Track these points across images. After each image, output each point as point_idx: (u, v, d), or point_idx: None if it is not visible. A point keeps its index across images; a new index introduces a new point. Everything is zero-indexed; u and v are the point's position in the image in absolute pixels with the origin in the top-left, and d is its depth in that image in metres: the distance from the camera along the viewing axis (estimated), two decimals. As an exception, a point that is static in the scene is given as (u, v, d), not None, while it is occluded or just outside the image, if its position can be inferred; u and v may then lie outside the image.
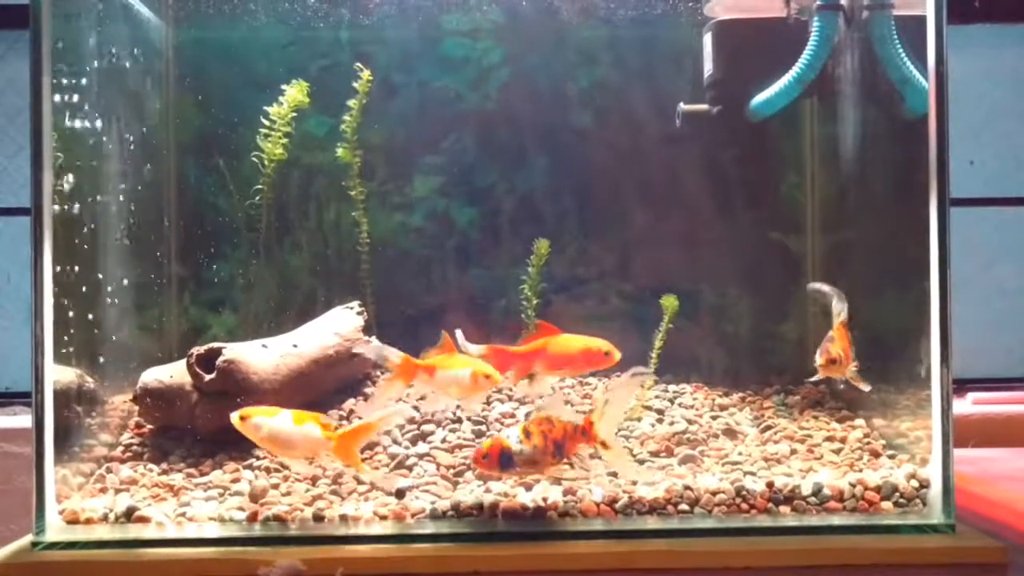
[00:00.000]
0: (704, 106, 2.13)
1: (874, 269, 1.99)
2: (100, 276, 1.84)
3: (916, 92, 1.82)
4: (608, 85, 2.25)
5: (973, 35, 2.79)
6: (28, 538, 1.57)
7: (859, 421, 1.94)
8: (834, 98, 2.07)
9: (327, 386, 1.99)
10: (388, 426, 1.75)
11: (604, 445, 1.57)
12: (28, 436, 1.56)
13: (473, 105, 2.24)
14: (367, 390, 2.04)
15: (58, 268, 1.60)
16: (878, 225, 1.98)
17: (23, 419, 2.44)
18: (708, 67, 2.13)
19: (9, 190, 2.70)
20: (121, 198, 1.96)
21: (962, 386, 2.66)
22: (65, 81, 1.68)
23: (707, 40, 2.13)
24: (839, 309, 1.82)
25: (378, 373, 2.13)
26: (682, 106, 2.14)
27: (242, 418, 1.57)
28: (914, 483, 1.64)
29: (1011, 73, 2.82)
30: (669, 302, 1.97)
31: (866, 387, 1.80)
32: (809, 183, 2.26)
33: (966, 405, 2.61)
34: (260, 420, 1.57)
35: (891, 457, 1.79)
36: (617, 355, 1.70)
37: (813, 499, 1.62)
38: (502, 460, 1.52)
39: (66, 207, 1.69)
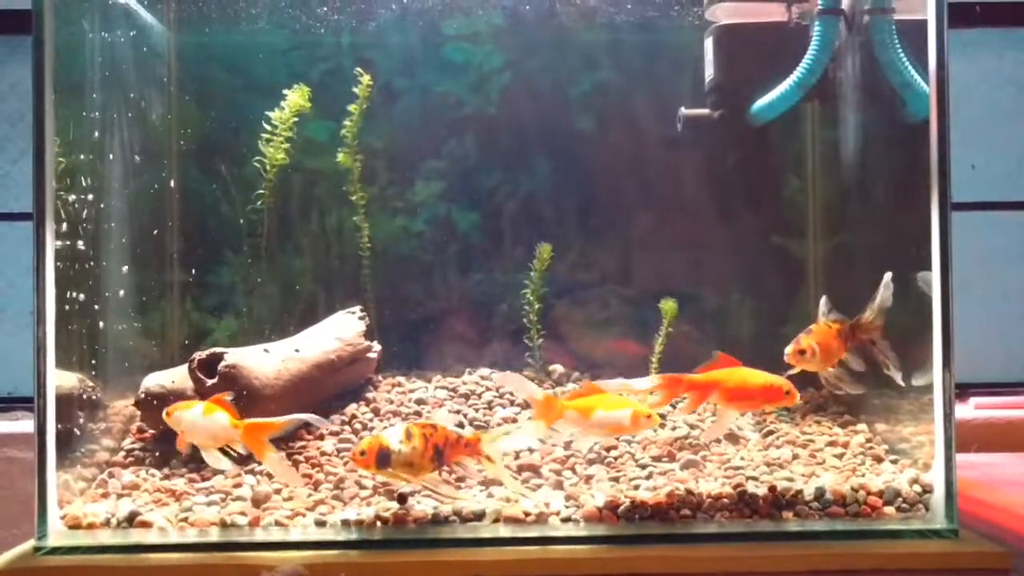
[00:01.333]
0: (705, 110, 2.13)
1: (876, 273, 1.99)
2: (102, 281, 1.84)
3: (917, 96, 1.82)
4: (609, 90, 2.25)
5: (974, 39, 2.79)
6: (30, 543, 1.57)
7: (861, 426, 1.94)
8: (835, 102, 2.07)
9: (329, 391, 1.99)
10: (290, 428, 1.73)
11: (488, 459, 1.59)
12: (30, 440, 1.57)
13: (474, 110, 2.24)
14: (368, 395, 2.04)
15: (60, 273, 1.60)
16: (880, 228, 1.98)
17: (25, 424, 2.44)
18: (709, 71, 2.13)
19: (12, 195, 2.70)
20: (123, 203, 1.96)
21: (964, 391, 2.66)
22: (67, 86, 1.68)
23: (708, 44, 2.13)
24: (825, 309, 1.76)
25: (379, 378, 2.13)
26: (683, 111, 2.15)
27: (167, 414, 1.66)
28: (916, 488, 1.64)
29: (1012, 77, 2.82)
30: (669, 306, 1.97)
31: (855, 389, 1.76)
32: (810, 187, 2.26)
33: (968, 410, 2.61)
34: (178, 414, 1.65)
35: (893, 462, 1.79)
36: (797, 397, 1.68)
37: (815, 504, 1.62)
38: (380, 458, 1.53)
39: (68, 212, 1.69)
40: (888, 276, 1.72)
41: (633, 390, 1.68)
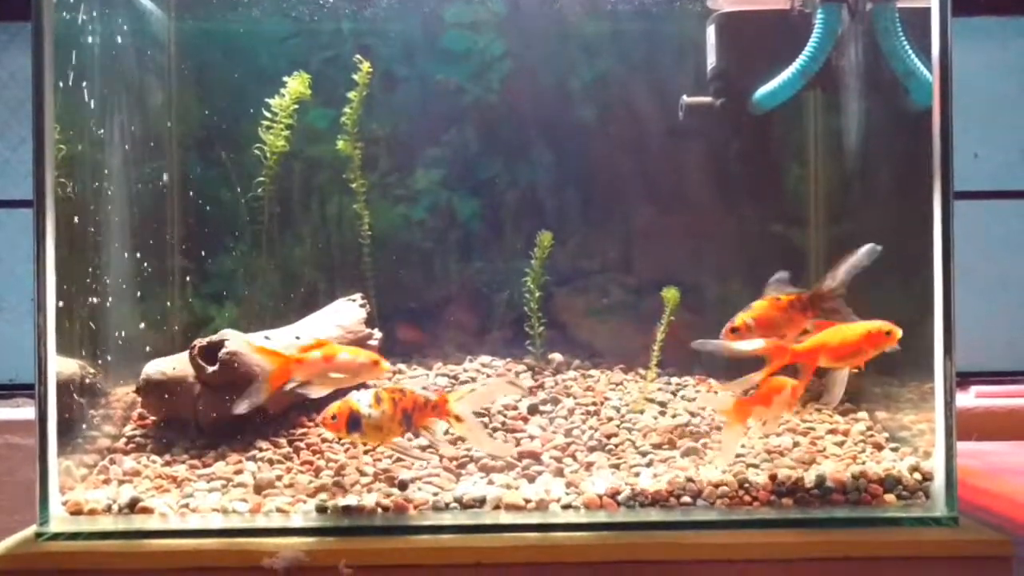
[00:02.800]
0: (707, 98, 2.12)
1: (878, 262, 1.99)
2: (103, 268, 1.84)
3: (920, 85, 1.81)
4: (611, 78, 2.25)
5: (978, 28, 2.78)
6: (32, 529, 1.58)
7: (862, 414, 1.94)
8: (838, 90, 2.06)
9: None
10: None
11: (458, 419, 1.62)
12: (32, 427, 1.57)
13: (475, 98, 2.23)
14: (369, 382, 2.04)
15: (60, 260, 1.60)
16: (882, 217, 1.98)
17: (27, 411, 2.45)
18: (711, 59, 2.12)
19: (12, 182, 2.70)
20: (123, 189, 1.96)
21: (965, 379, 2.66)
22: (67, 72, 1.68)
23: (710, 32, 2.12)
24: (777, 281, 1.71)
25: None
26: (685, 98, 2.14)
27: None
28: (917, 476, 1.64)
29: (1016, 66, 2.81)
30: (671, 294, 1.96)
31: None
32: (812, 175, 2.25)
33: (969, 398, 2.61)
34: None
35: (894, 450, 1.79)
36: (899, 332, 1.63)
37: (816, 491, 1.62)
38: (350, 423, 1.54)
39: (68, 198, 1.69)
40: (868, 248, 1.67)
41: (741, 352, 1.67)
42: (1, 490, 1.94)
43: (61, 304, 1.60)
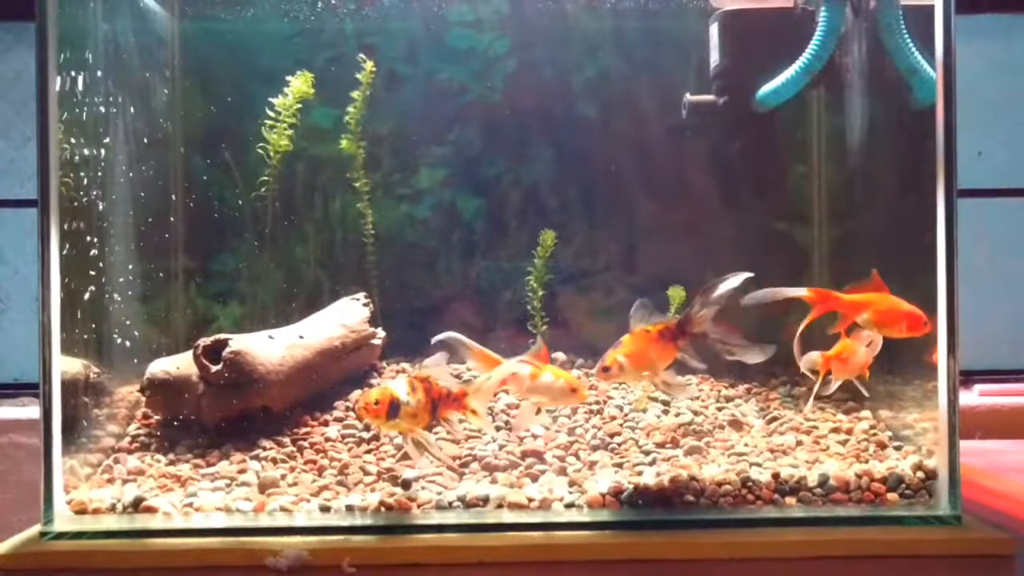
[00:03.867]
0: (711, 96, 2.12)
1: (881, 260, 1.99)
2: (107, 267, 1.84)
3: (924, 82, 1.81)
4: (614, 76, 2.24)
5: (982, 25, 2.77)
6: (36, 528, 1.58)
7: (865, 412, 1.94)
8: (841, 88, 2.06)
9: (334, 377, 1.99)
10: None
11: (474, 413, 1.64)
12: (36, 426, 1.57)
13: (478, 96, 2.23)
14: (373, 381, 2.04)
15: (65, 259, 1.60)
16: (885, 216, 1.98)
17: (31, 410, 2.45)
18: (714, 57, 2.12)
19: (17, 182, 2.70)
20: (127, 188, 1.96)
21: (968, 378, 2.66)
22: (71, 71, 1.68)
23: (713, 30, 2.12)
24: (639, 316, 1.68)
25: (383, 364, 2.14)
26: (688, 97, 2.14)
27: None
28: (920, 474, 1.64)
29: (1020, 64, 2.80)
30: (676, 293, 1.96)
31: (751, 357, 1.69)
32: (816, 174, 2.25)
33: (973, 397, 2.61)
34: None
35: (897, 448, 1.79)
36: (931, 328, 1.66)
37: (819, 490, 1.62)
38: (391, 410, 1.55)
39: (72, 197, 1.69)
40: (741, 275, 1.67)
41: (786, 295, 1.70)
42: (5, 489, 1.95)
43: (65, 302, 1.60)
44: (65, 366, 1.62)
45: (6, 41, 2.73)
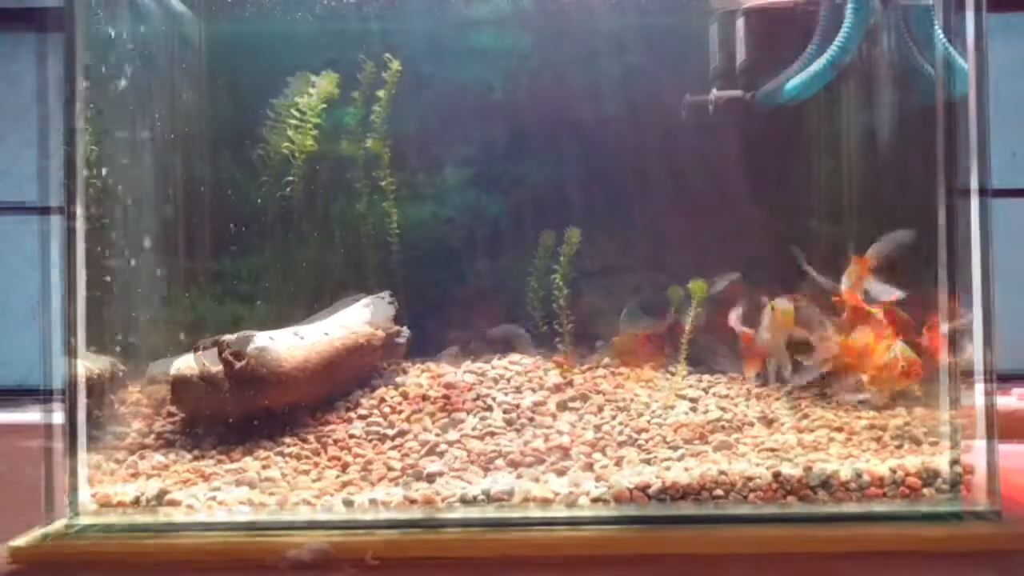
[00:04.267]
0: (737, 92, 2.10)
1: (910, 256, 1.95)
2: (135, 267, 1.85)
3: (956, 74, 1.78)
4: (640, 73, 2.23)
5: (1014, 24, 2.74)
6: (62, 521, 1.58)
7: (899, 409, 1.90)
8: (869, 82, 2.03)
9: (359, 374, 1.98)
10: None
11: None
12: (38, 430, 1.57)
13: (502, 95, 2.23)
14: (397, 379, 2.02)
15: (90, 257, 1.61)
16: (914, 213, 1.94)
17: (32, 415, 2.45)
18: (740, 53, 2.10)
19: (16, 186, 2.67)
20: (149, 188, 1.97)
21: (1007, 381, 2.60)
22: (92, 72, 1.69)
23: (739, 26, 2.10)
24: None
25: (408, 363, 2.12)
26: (715, 92, 2.12)
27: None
28: (957, 469, 1.60)
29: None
30: (697, 286, 1.94)
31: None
32: (845, 168, 2.21)
33: (1011, 400, 2.54)
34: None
35: (933, 444, 1.74)
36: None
37: (852, 485, 1.58)
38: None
39: (94, 199, 1.70)
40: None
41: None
42: (8, 492, 1.94)
43: (91, 301, 1.60)
44: (91, 363, 1.63)
45: (3, 52, 2.70)
